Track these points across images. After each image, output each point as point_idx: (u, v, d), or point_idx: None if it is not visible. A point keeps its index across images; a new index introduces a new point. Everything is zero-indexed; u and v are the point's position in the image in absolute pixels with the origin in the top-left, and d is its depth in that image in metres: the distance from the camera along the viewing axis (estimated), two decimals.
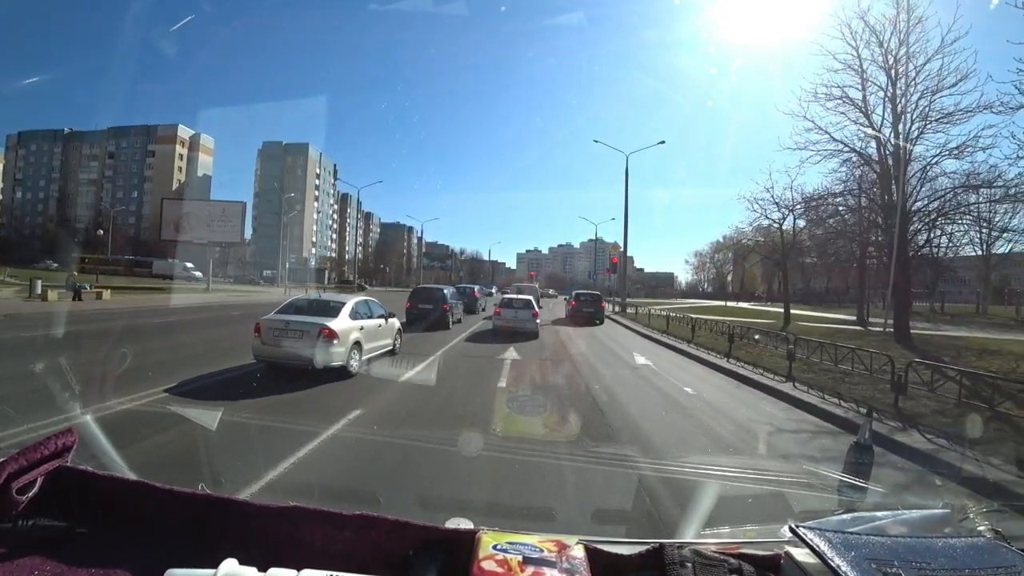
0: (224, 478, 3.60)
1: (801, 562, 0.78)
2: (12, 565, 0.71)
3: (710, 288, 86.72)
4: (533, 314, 15.34)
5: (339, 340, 7.58)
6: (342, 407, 5.92)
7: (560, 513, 3.53)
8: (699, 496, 2.94)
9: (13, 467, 0.72)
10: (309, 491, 3.75)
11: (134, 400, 5.76)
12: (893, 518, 1.00)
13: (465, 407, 6.51)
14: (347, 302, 8.63)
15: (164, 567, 0.68)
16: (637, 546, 0.83)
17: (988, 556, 0.76)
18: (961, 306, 41.23)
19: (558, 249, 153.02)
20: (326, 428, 5.01)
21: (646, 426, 6.05)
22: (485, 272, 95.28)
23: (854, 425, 5.94)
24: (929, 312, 32.51)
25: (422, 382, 7.82)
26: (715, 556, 0.79)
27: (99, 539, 0.78)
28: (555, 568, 0.73)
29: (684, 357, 12.90)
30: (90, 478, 0.84)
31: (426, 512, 3.43)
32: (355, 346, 8.07)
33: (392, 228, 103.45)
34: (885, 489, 3.88)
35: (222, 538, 0.79)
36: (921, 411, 6.94)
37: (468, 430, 5.24)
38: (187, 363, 8.02)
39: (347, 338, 7.85)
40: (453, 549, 0.80)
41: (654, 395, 8.06)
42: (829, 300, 50.84)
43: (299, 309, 8.42)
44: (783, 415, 7.17)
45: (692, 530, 1.99)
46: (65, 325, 11.27)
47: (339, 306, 8.38)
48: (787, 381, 8.93)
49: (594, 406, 6.80)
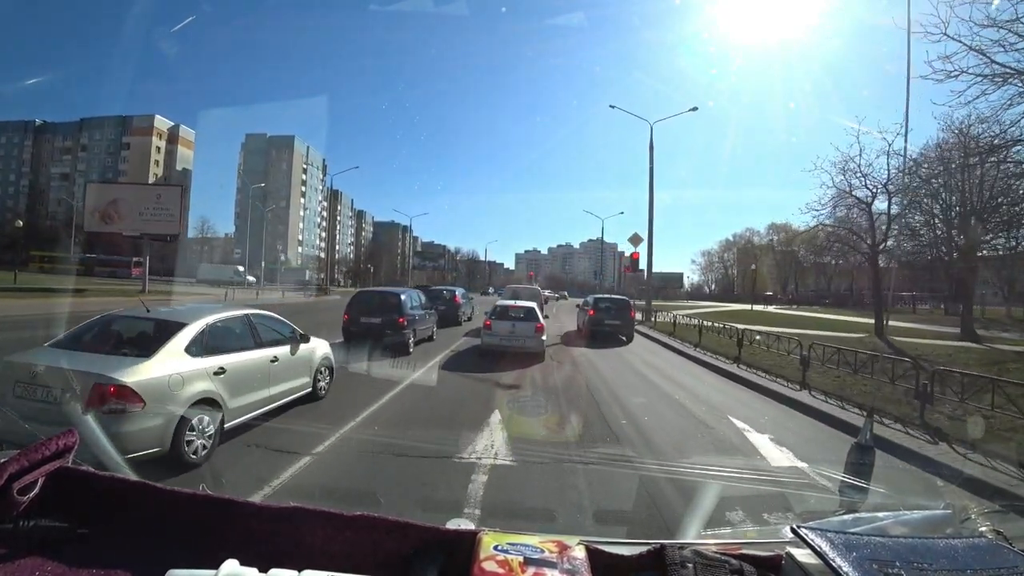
0: None
1: (802, 563, 0.81)
2: (13, 565, 0.73)
3: (716, 289, 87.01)
4: (537, 328, 11.57)
5: (144, 407, 4.03)
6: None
7: (561, 514, 3.59)
8: (700, 496, 2.99)
9: (14, 467, 0.75)
10: (310, 492, 3.80)
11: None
12: (895, 519, 1.03)
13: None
14: (195, 321, 4.94)
15: (165, 567, 0.71)
16: (638, 546, 0.86)
17: (990, 557, 0.79)
18: None
19: (557, 249, 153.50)
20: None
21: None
22: (482, 272, 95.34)
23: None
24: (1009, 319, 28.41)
25: None
26: (716, 557, 0.82)
27: (100, 540, 0.81)
28: (556, 569, 0.76)
29: (821, 422, 7.16)
30: (91, 478, 0.87)
31: (426, 513, 3.52)
32: (199, 408, 4.48)
33: (387, 227, 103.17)
34: (886, 489, 3.93)
35: (223, 538, 0.82)
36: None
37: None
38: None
39: (168, 397, 4.26)
40: (454, 550, 0.83)
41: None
42: (847, 303, 50.04)
43: (99, 336, 4.89)
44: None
45: (693, 530, 2.03)
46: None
47: (172, 331, 4.73)
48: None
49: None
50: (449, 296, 19.52)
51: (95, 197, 32.92)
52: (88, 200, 33.15)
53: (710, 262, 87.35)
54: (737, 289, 77.87)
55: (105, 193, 34.13)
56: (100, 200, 32.40)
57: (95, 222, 32.13)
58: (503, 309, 12.13)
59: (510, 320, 11.68)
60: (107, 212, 31.61)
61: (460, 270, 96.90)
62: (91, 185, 38.04)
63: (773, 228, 73.52)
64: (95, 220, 32.03)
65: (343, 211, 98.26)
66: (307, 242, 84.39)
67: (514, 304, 12.59)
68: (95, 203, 32.21)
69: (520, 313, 11.94)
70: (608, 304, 17.74)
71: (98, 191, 34.74)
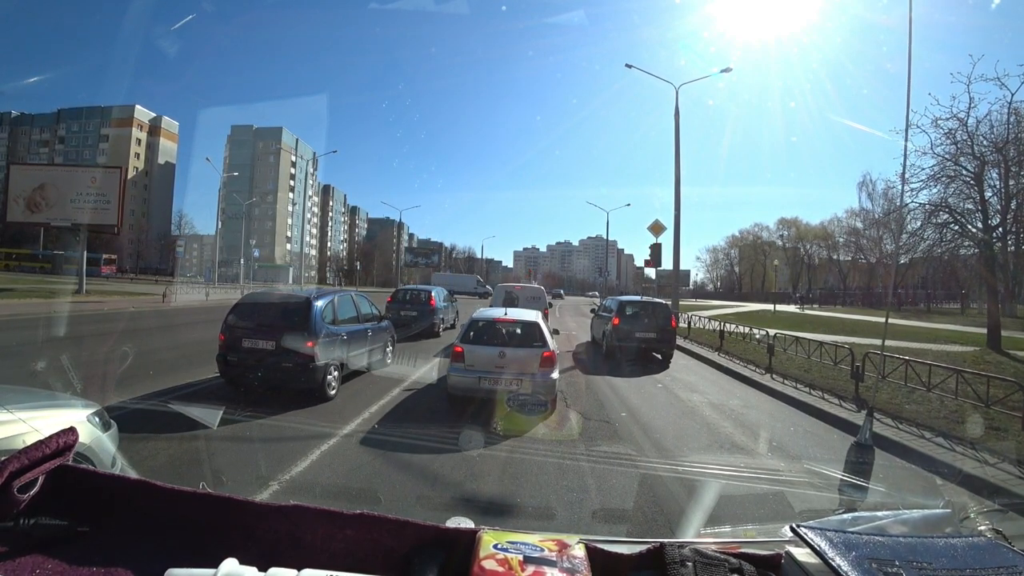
0: None
1: (802, 562, 0.84)
2: (14, 564, 0.76)
3: (721, 287, 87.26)
4: (543, 358, 7.02)
5: None
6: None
7: (560, 512, 3.64)
8: (700, 495, 3.04)
9: (15, 466, 0.77)
10: (310, 490, 3.85)
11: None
12: (894, 518, 1.07)
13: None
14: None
15: (165, 566, 0.73)
16: (638, 545, 0.90)
17: (989, 556, 0.82)
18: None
19: (556, 247, 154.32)
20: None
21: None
22: (479, 270, 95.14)
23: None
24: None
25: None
26: (716, 555, 0.86)
27: (100, 538, 0.84)
28: (556, 567, 0.79)
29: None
30: (91, 477, 0.91)
31: (426, 511, 3.59)
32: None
33: (382, 224, 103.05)
34: (885, 488, 3.99)
35: (223, 537, 0.85)
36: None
37: None
38: None
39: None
40: (453, 548, 0.86)
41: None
42: (869, 303, 49.16)
43: None
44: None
45: (693, 529, 2.07)
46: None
47: None
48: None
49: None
50: (423, 298, 15.67)
51: (20, 181, 28.02)
52: (12, 185, 27.99)
53: (716, 259, 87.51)
54: (744, 287, 78.04)
55: (31, 176, 28.83)
56: (25, 185, 27.60)
57: (20, 211, 27.36)
58: (486, 325, 7.57)
59: (496, 345, 7.19)
60: (33, 199, 27.13)
61: (461, 268, 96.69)
62: (15, 167, 31.91)
63: (783, 223, 73.68)
64: (20, 208, 27.33)
65: (335, 207, 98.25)
66: (296, 239, 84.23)
67: (503, 317, 7.78)
68: (19, 189, 27.54)
69: (514, 331, 7.59)
70: (638, 310, 13.16)
71: (23, 174, 29.40)
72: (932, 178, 15.31)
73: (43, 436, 0.83)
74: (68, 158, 73.02)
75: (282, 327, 7.06)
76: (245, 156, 79.08)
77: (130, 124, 73.49)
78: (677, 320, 14.81)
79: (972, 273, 21.56)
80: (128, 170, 70.96)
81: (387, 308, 14.86)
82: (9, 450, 3.45)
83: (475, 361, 7.04)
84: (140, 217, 73.17)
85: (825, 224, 66.66)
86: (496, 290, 17.02)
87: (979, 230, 15.08)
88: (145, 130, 75.90)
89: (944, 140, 14.76)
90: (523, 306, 11.83)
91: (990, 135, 14.46)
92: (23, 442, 6.68)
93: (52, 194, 27.13)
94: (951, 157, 14.84)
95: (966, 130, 14.33)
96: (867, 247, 55.18)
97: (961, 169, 14.85)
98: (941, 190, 15.53)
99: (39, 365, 6.85)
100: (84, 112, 73.62)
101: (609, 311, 13.81)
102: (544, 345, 7.22)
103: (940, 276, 27.83)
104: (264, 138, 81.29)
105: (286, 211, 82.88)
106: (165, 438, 4.93)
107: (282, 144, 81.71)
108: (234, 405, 6.00)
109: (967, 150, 14.57)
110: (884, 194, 39.71)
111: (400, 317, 14.43)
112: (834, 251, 66.52)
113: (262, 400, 6.59)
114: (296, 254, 77.76)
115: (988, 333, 15.31)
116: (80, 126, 74.41)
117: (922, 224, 16.22)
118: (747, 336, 15.18)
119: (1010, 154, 14.27)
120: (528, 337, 7.43)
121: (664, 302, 15.03)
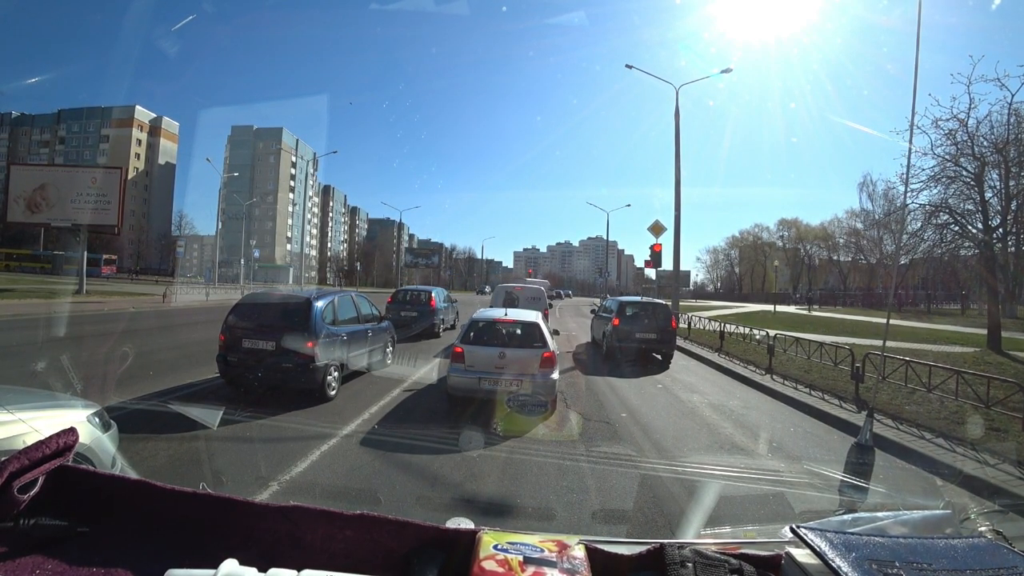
0: None
1: (802, 563, 0.84)
2: (13, 564, 0.76)
3: (721, 287, 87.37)
4: (543, 359, 7.17)
5: None
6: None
7: (560, 513, 3.65)
8: (700, 496, 3.04)
9: (15, 466, 0.77)
10: (310, 490, 3.87)
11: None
12: (894, 519, 1.07)
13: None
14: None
15: (164, 567, 0.73)
16: (638, 546, 0.90)
17: (989, 557, 0.82)
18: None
19: (556, 247, 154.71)
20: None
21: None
22: (479, 270, 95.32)
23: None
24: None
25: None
26: (716, 556, 0.86)
27: (100, 538, 0.84)
28: (556, 568, 0.79)
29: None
30: (91, 477, 0.91)
31: (426, 512, 3.61)
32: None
33: (382, 224, 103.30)
34: (885, 489, 4.00)
35: (222, 538, 0.85)
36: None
37: None
38: None
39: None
40: (453, 549, 0.86)
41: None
42: (869, 303, 49.37)
43: None
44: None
45: (693, 530, 2.07)
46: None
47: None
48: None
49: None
50: (424, 299, 16.01)
51: (20, 182, 28.22)
52: (12, 185, 28.14)
53: (716, 260, 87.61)
54: (744, 288, 78.07)
55: (31, 177, 29.01)
56: (26, 185, 27.81)
57: (20, 211, 27.52)
58: (486, 325, 7.68)
59: (496, 345, 7.30)
60: (33, 199, 27.24)
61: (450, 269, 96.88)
62: (15, 167, 31.96)
63: (783, 224, 73.75)
64: (20, 209, 27.48)
65: (335, 207, 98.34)
66: (296, 239, 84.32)
67: (503, 317, 7.88)
68: (19, 189, 27.73)
69: (514, 331, 7.71)
70: (638, 310, 13.20)
71: (23, 174, 29.57)
72: (932, 179, 15.40)
73: (43, 436, 0.83)
74: (68, 158, 73.16)
75: (282, 327, 7.12)
76: (245, 156, 79.17)
77: (130, 124, 73.64)
78: (677, 321, 14.89)
79: (972, 274, 21.46)
80: (128, 170, 71.32)
81: (387, 309, 14.93)
82: (9, 450, 3.39)
83: (475, 362, 7.14)
84: (140, 217, 73.27)
85: (825, 225, 66.89)
86: (497, 290, 17.24)
87: (979, 231, 15.13)
88: (145, 130, 76.02)
89: (944, 141, 14.84)
90: (523, 304, 12.33)
91: (990, 136, 14.56)
92: (23, 442, 6.67)
93: (52, 194, 27.27)
94: (951, 158, 14.90)
95: (966, 131, 14.42)
96: (867, 248, 55.49)
97: (961, 170, 14.88)
98: (941, 191, 15.57)
99: (39, 365, 6.87)
100: (84, 112, 73.75)
101: (609, 312, 13.89)
102: (544, 346, 7.33)
103: (940, 277, 27.98)
104: (264, 138, 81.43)
105: (286, 211, 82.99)
106: (165, 438, 4.95)
107: (282, 144, 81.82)
108: (234, 405, 6.02)
109: (967, 151, 14.62)
110: (884, 195, 40.47)
111: (400, 318, 14.50)
112: (834, 252, 66.64)
113: (262, 400, 6.63)
114: (296, 254, 77.91)
115: (988, 334, 15.38)
116: (80, 126, 74.54)
117: (922, 225, 16.26)
118: (747, 337, 15.30)
119: (1010, 155, 14.38)
120: (528, 338, 7.54)
121: (664, 303, 15.00)
